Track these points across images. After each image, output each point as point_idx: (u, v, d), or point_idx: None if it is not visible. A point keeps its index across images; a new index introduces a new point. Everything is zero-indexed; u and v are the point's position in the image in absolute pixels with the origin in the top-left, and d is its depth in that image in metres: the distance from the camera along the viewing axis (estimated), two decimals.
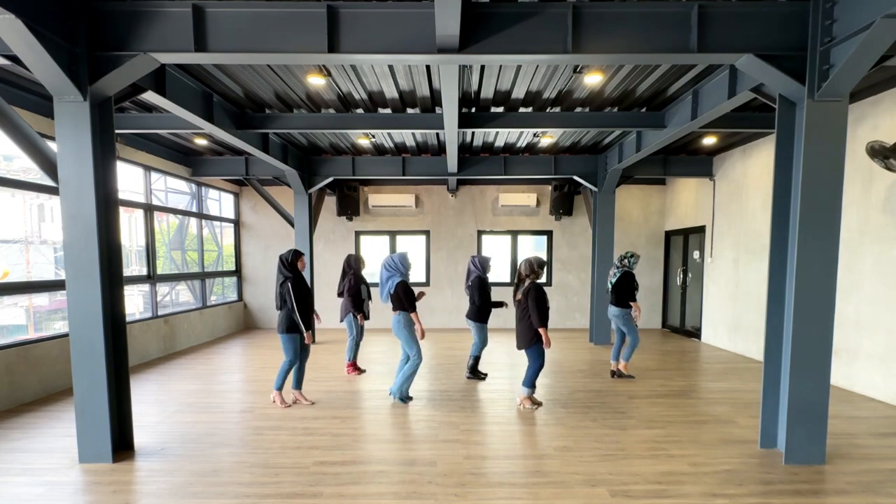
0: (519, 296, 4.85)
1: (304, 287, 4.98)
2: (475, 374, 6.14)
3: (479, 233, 10.41)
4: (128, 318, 5.45)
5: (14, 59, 3.43)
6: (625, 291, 5.94)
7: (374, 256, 10.56)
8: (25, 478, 3.45)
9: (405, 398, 5.11)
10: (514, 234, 10.44)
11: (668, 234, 10.24)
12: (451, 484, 3.31)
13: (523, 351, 4.89)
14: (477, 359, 6.15)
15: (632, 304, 5.95)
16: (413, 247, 10.49)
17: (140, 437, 4.08)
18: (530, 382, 4.91)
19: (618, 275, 6.04)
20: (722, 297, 8.33)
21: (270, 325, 10.53)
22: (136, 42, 3.49)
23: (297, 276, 4.94)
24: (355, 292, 6.16)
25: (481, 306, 5.95)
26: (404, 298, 4.92)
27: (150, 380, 6.17)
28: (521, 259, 4.96)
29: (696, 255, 9.26)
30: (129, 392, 3.87)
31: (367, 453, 3.85)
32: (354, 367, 6.37)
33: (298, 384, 5.12)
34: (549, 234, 10.44)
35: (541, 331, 4.69)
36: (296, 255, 4.98)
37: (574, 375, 6.26)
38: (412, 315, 4.94)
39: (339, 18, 3.51)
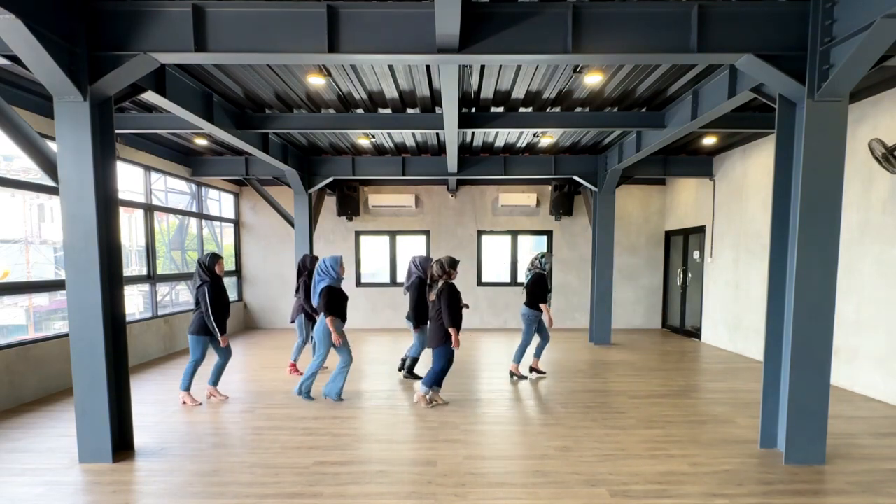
0: (432, 296, 4.85)
1: (221, 291, 5.00)
2: (412, 374, 6.07)
3: (479, 233, 10.41)
4: (128, 318, 5.44)
5: (14, 59, 3.42)
6: (536, 293, 5.88)
7: (375, 257, 10.59)
8: (25, 478, 3.45)
9: (309, 396, 5.18)
10: (514, 234, 10.44)
11: (668, 234, 10.24)
12: (451, 484, 3.31)
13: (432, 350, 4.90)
14: (415, 360, 6.07)
15: (542, 305, 5.87)
16: (413, 247, 10.50)
17: (140, 437, 4.08)
18: (430, 382, 4.90)
19: (529, 276, 6.00)
20: (722, 297, 8.33)
21: (271, 326, 10.54)
22: (136, 42, 3.49)
23: (214, 280, 4.95)
24: (309, 295, 6.13)
25: (417, 308, 5.80)
26: (322, 302, 4.91)
27: (150, 380, 6.18)
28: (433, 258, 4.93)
29: (696, 255, 9.26)
30: (129, 392, 3.87)
31: (367, 453, 3.85)
32: (296, 368, 6.36)
33: (215, 381, 5.22)
34: (549, 234, 10.44)
35: (451, 331, 4.69)
36: (213, 258, 4.97)
37: (574, 375, 6.26)
38: (327, 320, 4.90)
39: (339, 18, 3.51)
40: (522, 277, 6.09)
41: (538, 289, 5.88)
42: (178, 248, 9.03)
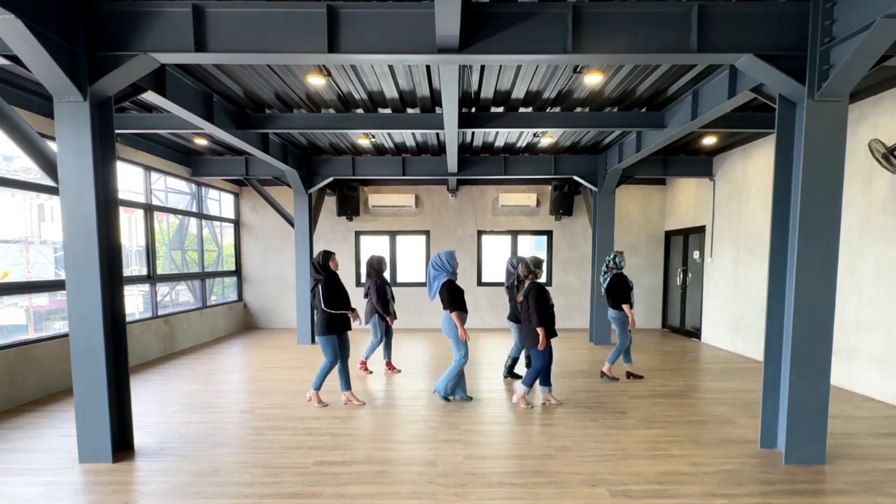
0: (520, 297, 4.85)
1: (338, 286, 4.95)
2: (512, 374, 6.14)
3: (479, 233, 10.41)
4: (128, 318, 5.45)
5: (14, 59, 3.43)
6: (620, 293, 5.83)
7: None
8: (25, 478, 3.45)
9: (447, 397, 5.12)
10: (514, 234, 10.44)
11: (668, 234, 10.24)
12: (451, 484, 3.31)
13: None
14: (515, 360, 6.15)
15: (624, 306, 5.79)
16: (413, 247, 10.50)
17: (140, 437, 4.08)
18: (530, 382, 4.92)
19: (608, 278, 5.97)
20: (722, 297, 8.33)
21: (270, 325, 10.53)
22: (136, 42, 3.49)
23: (330, 276, 4.91)
24: (381, 294, 6.17)
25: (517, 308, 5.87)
26: (447, 298, 4.90)
27: (150, 380, 6.17)
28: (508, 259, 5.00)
29: (696, 255, 9.26)
30: (129, 392, 3.87)
31: (367, 453, 3.85)
32: (390, 365, 6.49)
33: (347, 385, 5.11)
34: (549, 234, 10.44)
35: (539, 330, 4.70)
36: (326, 255, 4.96)
37: (574, 375, 6.26)
38: (453, 315, 4.91)
39: (339, 18, 3.51)
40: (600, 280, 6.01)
41: (620, 289, 5.82)
42: (178, 248, 9.03)
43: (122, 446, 3.83)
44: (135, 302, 7.65)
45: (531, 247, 10.65)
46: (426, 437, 4.20)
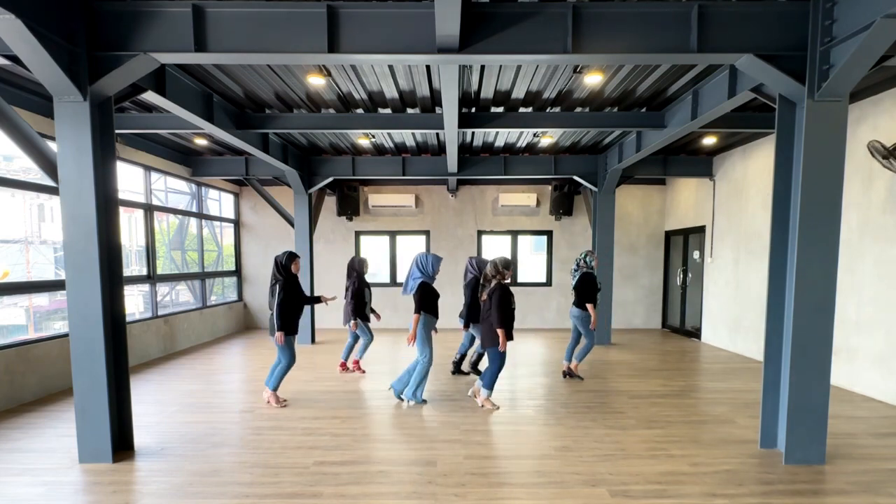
0: (484, 296, 4.85)
1: (296, 290, 4.93)
2: (459, 371, 6.28)
3: (479, 233, 10.40)
4: (128, 318, 5.45)
5: (14, 59, 3.43)
6: (586, 292, 5.82)
7: (375, 257, 10.59)
8: (25, 478, 3.45)
9: (420, 401, 5.08)
10: (514, 234, 10.44)
11: (668, 234, 10.24)
12: (451, 484, 3.31)
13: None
14: (462, 357, 6.26)
15: (588, 306, 5.78)
16: (413, 247, 10.49)
17: (140, 437, 4.08)
18: (490, 384, 4.90)
19: (577, 276, 5.96)
20: (722, 297, 8.33)
21: None
22: (136, 42, 3.49)
23: (289, 279, 4.87)
24: (359, 296, 6.16)
25: (471, 307, 5.83)
26: (417, 300, 4.89)
27: (150, 380, 6.17)
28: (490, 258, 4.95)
29: (696, 255, 9.26)
30: (129, 392, 3.87)
31: (367, 453, 3.85)
32: (355, 366, 6.38)
33: (276, 386, 5.08)
34: (549, 234, 10.44)
35: (498, 331, 4.68)
36: (290, 257, 4.91)
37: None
38: (415, 317, 4.89)
39: (339, 18, 3.51)
40: (562, 278, 6.03)
41: (586, 288, 5.82)
42: (178, 248, 9.03)
43: (122, 446, 3.83)
44: (135, 302, 7.65)
45: (531, 247, 10.66)
46: (426, 437, 4.20)
